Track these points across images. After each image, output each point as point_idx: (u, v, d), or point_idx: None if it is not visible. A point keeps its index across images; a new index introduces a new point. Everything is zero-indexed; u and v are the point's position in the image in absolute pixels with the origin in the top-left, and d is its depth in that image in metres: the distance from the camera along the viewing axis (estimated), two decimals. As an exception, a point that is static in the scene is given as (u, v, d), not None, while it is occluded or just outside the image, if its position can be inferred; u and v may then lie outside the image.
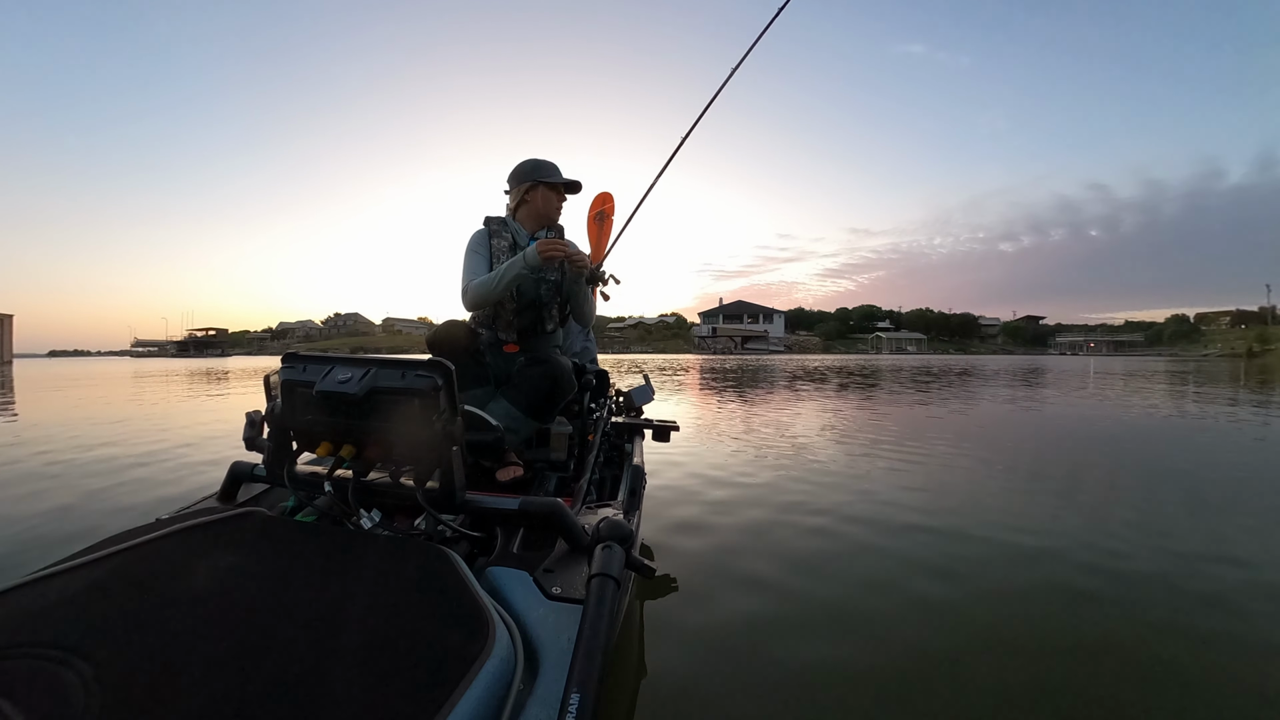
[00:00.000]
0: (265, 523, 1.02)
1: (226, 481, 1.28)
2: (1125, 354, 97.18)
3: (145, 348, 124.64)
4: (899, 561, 2.17)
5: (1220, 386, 12.19)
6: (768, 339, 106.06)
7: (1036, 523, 2.64)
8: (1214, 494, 3.22)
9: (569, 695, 0.67)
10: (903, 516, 2.73)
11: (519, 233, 2.10)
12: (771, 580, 1.99)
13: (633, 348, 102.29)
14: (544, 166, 2.11)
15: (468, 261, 2.06)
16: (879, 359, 51.45)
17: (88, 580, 0.81)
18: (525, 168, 2.10)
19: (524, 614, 0.87)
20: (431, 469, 1.06)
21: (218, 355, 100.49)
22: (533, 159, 2.12)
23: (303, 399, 1.08)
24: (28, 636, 0.69)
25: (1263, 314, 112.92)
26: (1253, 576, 2.01)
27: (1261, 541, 2.39)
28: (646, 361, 31.58)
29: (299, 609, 0.77)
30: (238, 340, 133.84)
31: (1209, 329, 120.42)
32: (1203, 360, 47.17)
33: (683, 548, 2.28)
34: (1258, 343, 67.57)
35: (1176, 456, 4.43)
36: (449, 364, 1.03)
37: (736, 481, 3.41)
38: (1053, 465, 4.07)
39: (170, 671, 0.66)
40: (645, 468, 2.03)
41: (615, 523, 0.99)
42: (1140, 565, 2.12)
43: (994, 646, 1.58)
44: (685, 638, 1.60)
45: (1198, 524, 2.64)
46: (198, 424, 6.31)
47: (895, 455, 4.27)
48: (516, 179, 2.11)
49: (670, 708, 1.32)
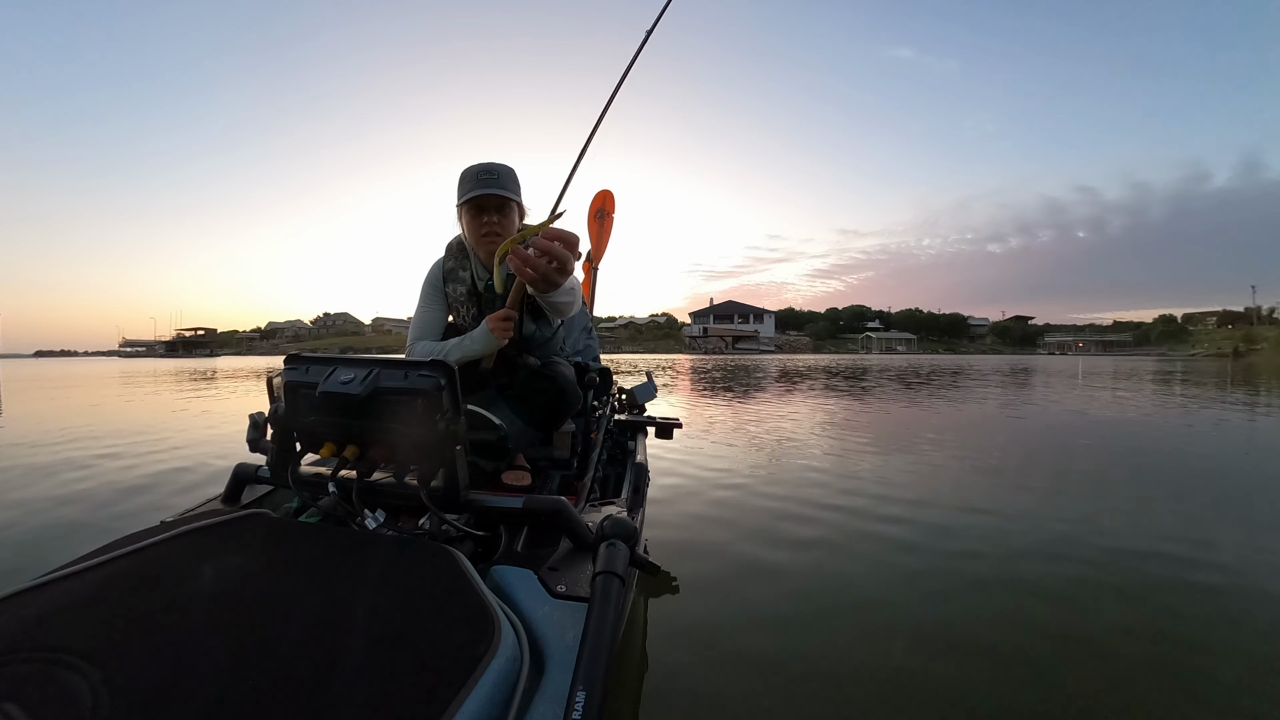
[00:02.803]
0: (270, 524, 1.02)
1: (230, 483, 1.27)
2: (1114, 354, 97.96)
3: (133, 348, 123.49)
4: (900, 558, 2.19)
5: (1237, 388, 12.29)
6: (758, 339, 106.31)
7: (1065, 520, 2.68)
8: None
9: (575, 692, 0.67)
10: (904, 513, 2.75)
11: (478, 269, 1.76)
12: (771, 578, 2.00)
13: (624, 348, 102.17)
14: (463, 178, 1.68)
15: (419, 310, 1.80)
16: (869, 359, 51.63)
17: (94, 584, 0.80)
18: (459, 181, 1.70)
19: (529, 612, 0.87)
20: (435, 469, 1.06)
21: (206, 355, 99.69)
22: (468, 166, 1.69)
23: (306, 400, 1.07)
24: (35, 641, 0.69)
25: (1248, 314, 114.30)
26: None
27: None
28: (637, 362, 31.52)
29: (305, 610, 0.77)
30: (226, 340, 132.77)
31: (1196, 329, 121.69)
32: (1191, 360, 47.60)
33: (684, 545, 2.29)
34: (1244, 343, 68.42)
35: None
36: (452, 364, 1.03)
37: (737, 479, 3.42)
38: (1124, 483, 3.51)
39: (178, 674, 0.65)
40: (648, 465, 2.03)
41: (619, 520, 0.99)
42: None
43: (1025, 634, 1.61)
44: (686, 635, 1.61)
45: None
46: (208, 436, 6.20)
47: (894, 454, 4.30)
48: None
49: (675, 703, 1.33)
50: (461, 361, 1.61)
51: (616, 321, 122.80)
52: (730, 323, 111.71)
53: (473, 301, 1.77)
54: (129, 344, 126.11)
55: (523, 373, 1.76)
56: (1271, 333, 64.75)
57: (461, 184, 1.66)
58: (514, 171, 1.71)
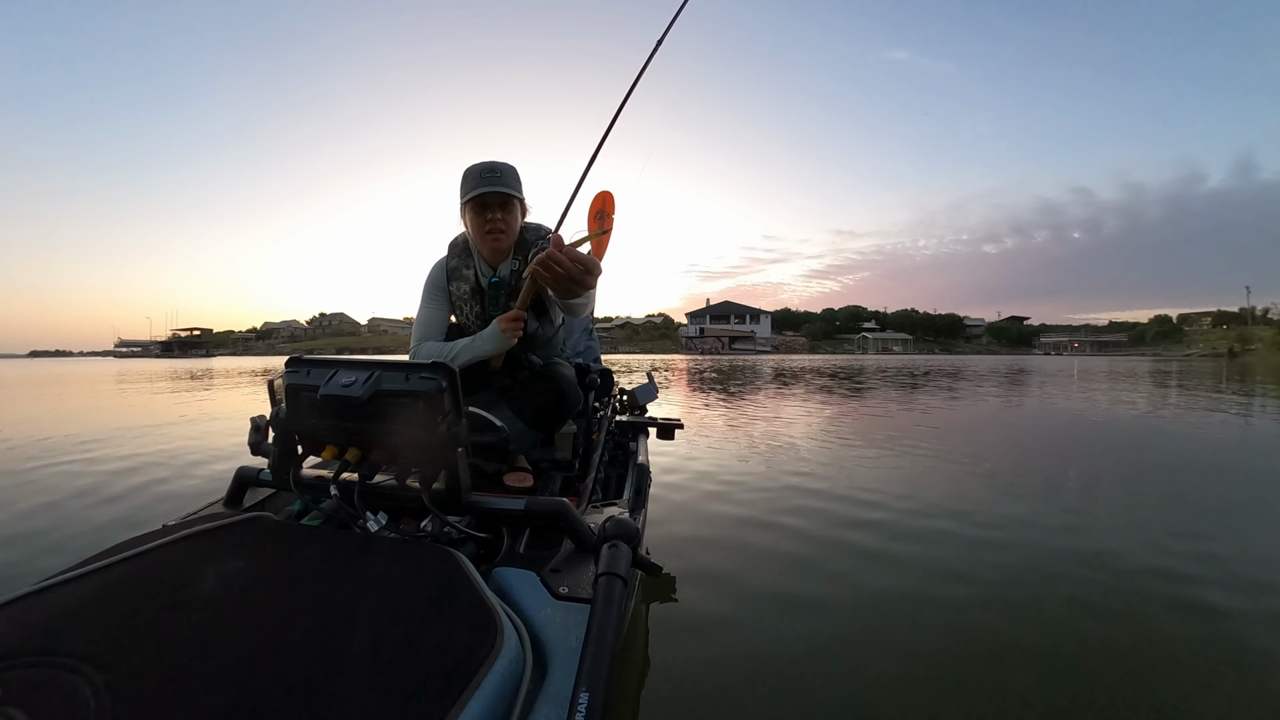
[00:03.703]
0: (272, 527, 1.02)
1: (232, 486, 1.27)
2: (1109, 354, 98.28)
3: (129, 348, 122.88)
4: (901, 555, 2.20)
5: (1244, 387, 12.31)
6: (755, 339, 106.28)
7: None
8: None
9: (578, 694, 0.67)
10: (902, 514, 2.75)
11: (481, 267, 1.75)
12: (771, 575, 2.00)
13: (620, 348, 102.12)
14: (466, 176, 1.67)
15: (421, 309, 1.78)
16: (865, 359, 51.71)
17: (96, 588, 0.80)
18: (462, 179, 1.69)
19: (532, 614, 0.87)
20: (437, 471, 1.06)
21: (202, 355, 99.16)
22: (471, 164, 1.68)
23: (307, 403, 1.07)
24: (38, 645, 0.69)
25: (1243, 315, 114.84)
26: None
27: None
28: (633, 362, 31.47)
29: (308, 612, 0.77)
30: (222, 340, 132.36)
31: (1191, 329, 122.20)
32: (1186, 360, 47.75)
33: (685, 543, 2.29)
34: (1239, 343, 68.73)
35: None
36: (459, 365, 1.03)
37: (736, 479, 3.42)
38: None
39: (181, 677, 0.65)
40: (650, 466, 2.03)
41: (621, 522, 0.99)
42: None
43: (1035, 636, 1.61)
44: (687, 633, 1.62)
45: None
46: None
47: (893, 452, 4.31)
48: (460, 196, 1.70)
49: (677, 704, 1.33)
50: (471, 362, 1.61)
51: (613, 322, 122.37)
52: (727, 323, 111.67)
53: (476, 299, 1.77)
54: (124, 344, 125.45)
55: (524, 374, 1.76)
56: (1266, 333, 65.02)
57: (465, 182, 1.66)
58: (516, 170, 1.70)
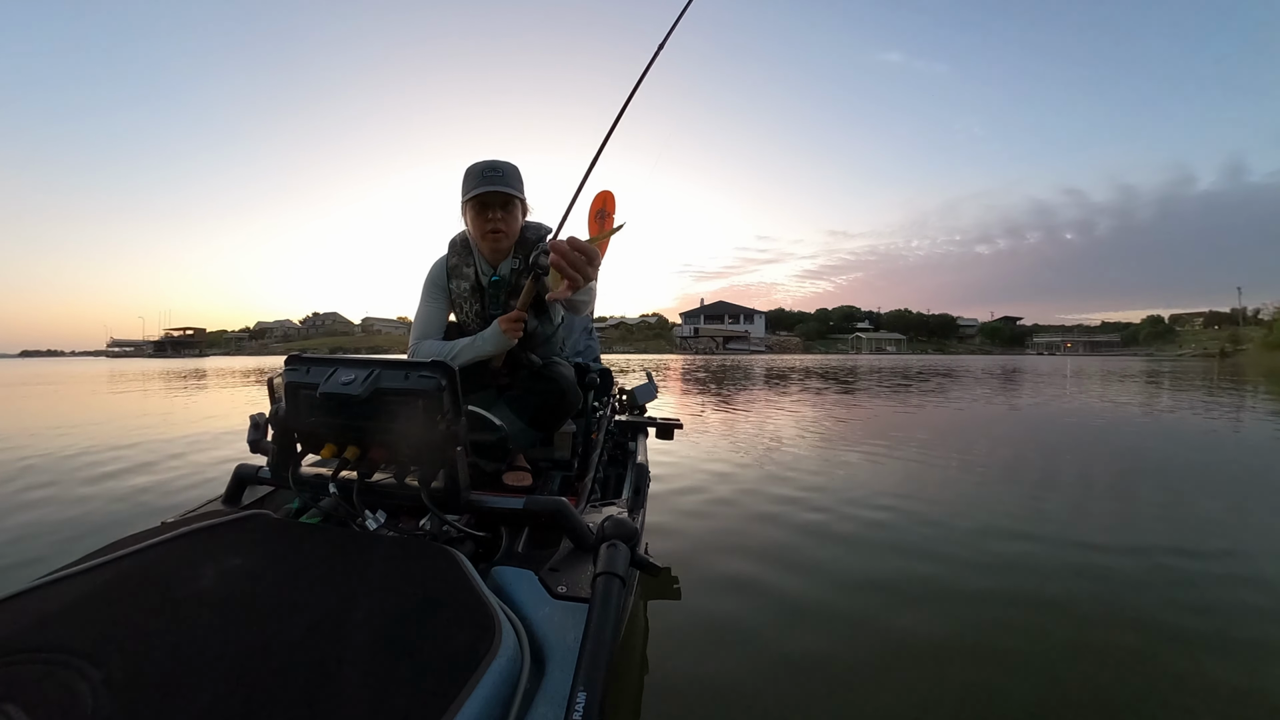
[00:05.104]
0: (271, 525, 1.01)
1: (231, 484, 1.27)
2: (1102, 354, 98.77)
3: (121, 348, 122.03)
4: (902, 555, 2.21)
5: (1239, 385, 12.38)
6: (749, 339, 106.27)
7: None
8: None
9: (575, 693, 0.67)
10: (898, 514, 2.77)
11: (481, 265, 1.74)
12: (772, 574, 2.01)
13: (614, 348, 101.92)
14: (468, 175, 1.67)
15: (421, 307, 1.78)
16: (859, 359, 51.82)
17: (95, 585, 0.80)
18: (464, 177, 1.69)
19: (530, 613, 0.87)
20: (436, 469, 1.06)
21: (195, 355, 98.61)
22: (473, 163, 1.68)
23: (306, 401, 1.07)
24: (36, 641, 0.69)
25: (1235, 315, 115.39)
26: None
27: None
28: (628, 362, 31.44)
29: (306, 610, 0.77)
30: (215, 340, 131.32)
31: (1183, 330, 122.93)
32: (1179, 360, 48.02)
33: (684, 542, 2.30)
34: (1230, 343, 69.09)
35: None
36: (459, 364, 1.03)
37: (736, 479, 3.43)
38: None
39: (179, 675, 0.65)
40: (649, 465, 2.03)
41: (620, 521, 0.99)
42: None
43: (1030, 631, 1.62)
44: (688, 633, 1.62)
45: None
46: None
47: (889, 452, 4.33)
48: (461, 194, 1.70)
49: (676, 703, 1.33)
50: (472, 361, 1.62)
51: (607, 322, 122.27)
52: (721, 323, 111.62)
53: (476, 298, 1.77)
54: (117, 344, 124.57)
55: (523, 373, 1.77)
56: (1257, 333, 65.46)
57: (466, 181, 1.66)
58: (518, 169, 1.71)
